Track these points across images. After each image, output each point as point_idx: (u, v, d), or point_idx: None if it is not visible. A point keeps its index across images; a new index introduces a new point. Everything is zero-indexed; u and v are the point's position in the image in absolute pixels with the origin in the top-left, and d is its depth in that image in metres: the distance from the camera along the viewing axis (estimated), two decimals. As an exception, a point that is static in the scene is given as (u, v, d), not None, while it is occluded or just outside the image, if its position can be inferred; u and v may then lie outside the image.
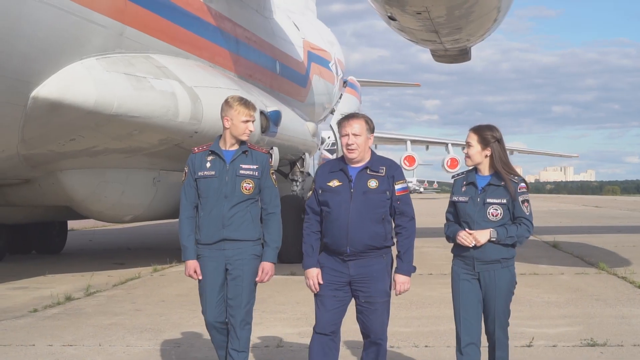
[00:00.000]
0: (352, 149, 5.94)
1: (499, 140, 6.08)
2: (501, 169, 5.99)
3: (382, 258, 5.97)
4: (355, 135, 5.93)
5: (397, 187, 6.00)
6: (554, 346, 8.18)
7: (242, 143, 6.42)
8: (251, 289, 6.36)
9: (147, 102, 12.75)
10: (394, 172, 6.02)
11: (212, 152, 6.40)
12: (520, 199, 5.96)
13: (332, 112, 28.50)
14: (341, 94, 30.02)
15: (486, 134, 6.07)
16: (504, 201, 5.94)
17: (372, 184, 5.95)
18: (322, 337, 6.00)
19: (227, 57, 17.10)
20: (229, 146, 6.40)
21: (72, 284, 13.69)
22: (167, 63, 13.98)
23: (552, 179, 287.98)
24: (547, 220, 33.79)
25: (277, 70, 20.79)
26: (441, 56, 15.17)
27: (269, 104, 17.39)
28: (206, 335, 8.72)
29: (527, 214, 5.97)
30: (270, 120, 16.60)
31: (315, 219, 6.09)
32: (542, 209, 48.41)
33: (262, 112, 16.43)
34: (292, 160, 20.24)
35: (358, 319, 6.03)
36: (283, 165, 19.64)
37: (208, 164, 6.36)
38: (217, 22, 16.68)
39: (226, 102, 6.43)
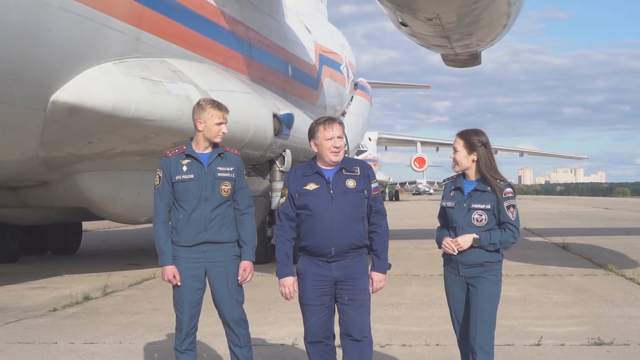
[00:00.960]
0: (338, 152, 5.99)
1: (486, 145, 6.02)
2: (487, 174, 5.95)
3: (362, 257, 6.04)
4: (339, 138, 6.00)
5: (372, 186, 6.08)
6: (561, 345, 8.38)
7: (215, 145, 6.42)
8: (237, 288, 6.41)
9: (163, 106, 13.00)
10: (368, 171, 6.10)
11: (188, 156, 6.35)
12: (506, 204, 5.89)
13: (343, 114, 28.69)
14: (352, 97, 30.20)
15: (472, 139, 6.02)
16: (489, 207, 5.89)
17: (350, 183, 6.00)
18: (316, 345, 6.04)
19: (240, 60, 17.35)
20: (202, 149, 6.37)
21: (89, 284, 13.96)
22: (182, 67, 14.23)
23: (562, 180, 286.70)
24: (557, 222, 33.92)
25: (289, 73, 21.02)
26: (452, 60, 15.38)
27: (282, 107, 17.62)
28: (222, 333, 8.98)
29: (513, 219, 5.91)
30: (283, 123, 16.84)
31: (289, 225, 6.08)
32: (552, 211, 48.52)
33: (274, 115, 16.68)
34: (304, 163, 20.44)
35: (340, 319, 6.03)
36: (295, 168, 19.82)
37: (185, 168, 6.31)
38: (230, 26, 16.93)
39: (198, 104, 6.41)
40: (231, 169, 6.39)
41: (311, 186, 6.00)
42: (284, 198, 6.10)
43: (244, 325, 6.47)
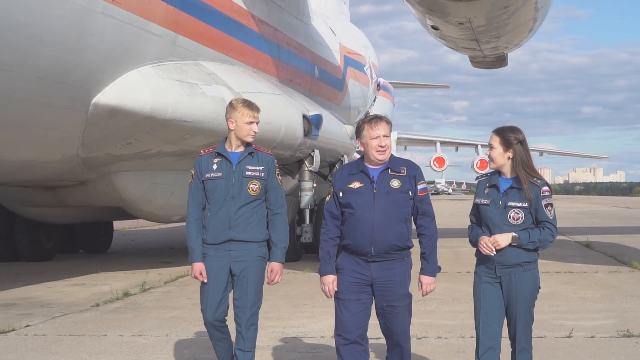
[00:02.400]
0: (384, 151, 5.95)
1: (522, 142, 5.93)
2: (521, 172, 5.86)
3: (403, 261, 5.97)
4: (385, 136, 5.95)
5: (419, 187, 6.01)
6: (592, 337, 8.72)
7: (247, 145, 6.48)
8: (257, 290, 6.42)
9: (199, 108, 13.39)
10: (414, 172, 6.03)
11: (219, 154, 6.43)
12: (544, 202, 5.81)
13: (366, 115, 29.05)
14: (375, 97, 30.54)
15: (508, 136, 5.92)
16: (526, 205, 5.81)
17: (395, 184, 5.94)
18: (350, 345, 5.96)
19: (269, 62, 17.72)
20: (234, 148, 6.44)
21: (126, 280, 14.35)
22: (216, 70, 14.62)
23: (581, 180, 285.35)
24: (578, 221, 34.10)
25: (316, 75, 21.38)
26: (479, 62, 15.70)
27: (311, 108, 17.99)
28: (262, 325, 9.33)
29: (551, 218, 5.82)
30: (312, 124, 17.20)
31: (334, 223, 6.06)
32: (573, 210, 48.64)
33: (304, 116, 17.04)
34: (331, 163, 20.81)
35: (379, 320, 6.04)
36: (322, 167, 20.19)
37: (215, 166, 6.39)
38: (259, 29, 17.31)
39: (230, 104, 6.50)
40: (261, 168, 6.43)
41: (355, 185, 5.98)
42: (330, 196, 6.11)
43: (252, 329, 6.46)
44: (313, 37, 22.07)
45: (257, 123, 6.48)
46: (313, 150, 17.74)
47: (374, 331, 7.24)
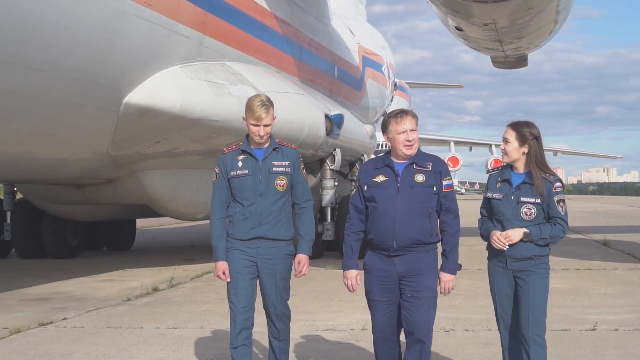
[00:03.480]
0: (411, 145, 5.89)
1: (537, 138, 5.93)
2: (535, 168, 5.88)
3: (429, 253, 5.90)
4: (412, 130, 5.89)
5: (444, 183, 5.93)
6: (615, 330, 8.95)
7: (271, 141, 6.42)
8: (284, 286, 6.46)
9: (226, 107, 13.67)
10: (440, 168, 5.96)
11: (243, 151, 6.38)
12: (556, 198, 5.82)
13: (384, 114, 29.28)
14: (392, 97, 30.76)
15: (524, 131, 5.91)
16: (538, 201, 5.82)
17: (419, 178, 5.88)
18: (382, 336, 6.06)
19: (291, 63, 18.01)
20: (257, 144, 6.38)
21: (153, 277, 14.65)
22: (241, 70, 14.90)
23: (595, 180, 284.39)
24: (594, 221, 34.22)
25: (336, 75, 21.65)
26: (501, 62, 15.94)
27: (332, 108, 18.26)
28: (292, 319, 9.57)
29: (563, 214, 5.83)
30: (334, 123, 17.46)
31: (358, 217, 6.05)
32: (587, 210, 48.72)
33: (326, 116, 17.31)
34: (351, 162, 21.06)
35: (402, 315, 5.94)
36: (343, 166, 20.43)
37: (240, 163, 6.33)
38: (282, 30, 17.59)
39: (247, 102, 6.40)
40: (286, 163, 6.39)
41: (380, 178, 5.95)
42: (355, 190, 6.10)
43: (286, 320, 6.55)
44: (333, 37, 22.35)
45: (264, 126, 6.30)
46: (334, 149, 17.99)
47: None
